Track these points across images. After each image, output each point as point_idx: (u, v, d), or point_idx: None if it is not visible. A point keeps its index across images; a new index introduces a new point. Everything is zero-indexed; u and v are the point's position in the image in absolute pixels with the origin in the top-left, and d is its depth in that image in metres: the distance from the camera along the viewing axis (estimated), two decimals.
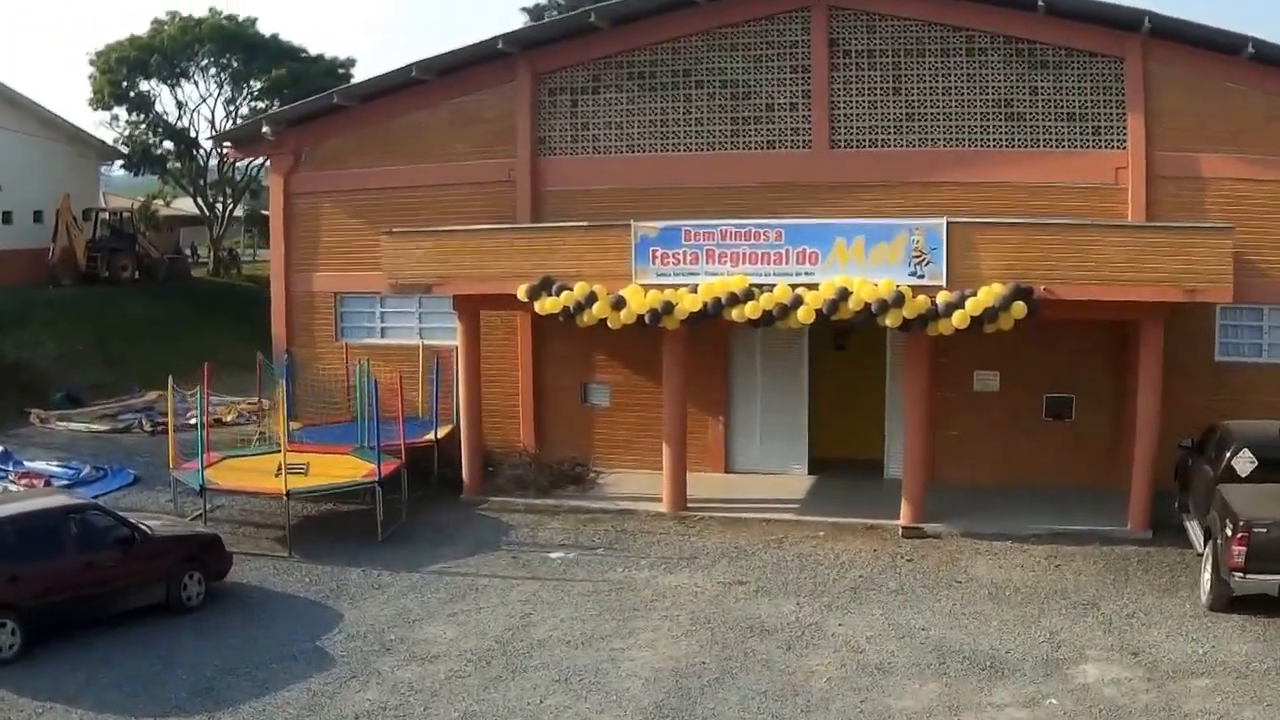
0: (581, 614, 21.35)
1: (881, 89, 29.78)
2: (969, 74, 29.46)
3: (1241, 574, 21.13)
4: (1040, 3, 28.05)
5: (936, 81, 29.58)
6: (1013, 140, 29.54)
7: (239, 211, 69.00)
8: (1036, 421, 30.04)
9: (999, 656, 19.86)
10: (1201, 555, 23.32)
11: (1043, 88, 29.31)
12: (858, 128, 29.89)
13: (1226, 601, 21.81)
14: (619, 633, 20.50)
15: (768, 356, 30.81)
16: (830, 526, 26.72)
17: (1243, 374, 29.50)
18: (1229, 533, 21.32)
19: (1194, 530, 24.84)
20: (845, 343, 29.95)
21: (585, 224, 27.25)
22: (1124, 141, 29.05)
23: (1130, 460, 27.35)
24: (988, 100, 29.47)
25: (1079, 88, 29.25)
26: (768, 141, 30.33)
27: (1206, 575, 22.52)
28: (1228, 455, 23.90)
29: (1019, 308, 24.57)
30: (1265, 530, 20.96)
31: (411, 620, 21.10)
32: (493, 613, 21.43)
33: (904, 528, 26.28)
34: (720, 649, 19.84)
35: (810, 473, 30.88)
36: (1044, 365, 29.19)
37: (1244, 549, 20.96)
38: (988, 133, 29.55)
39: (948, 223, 25.25)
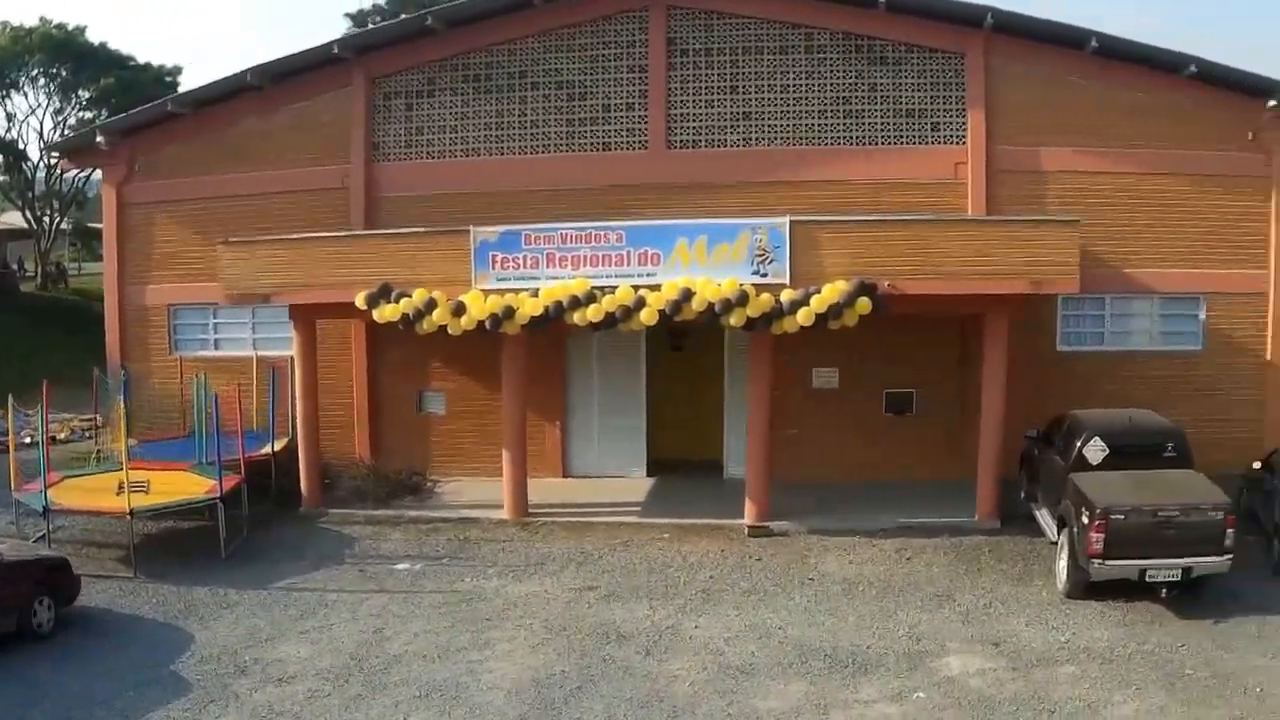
0: (434, 626, 21.20)
1: (719, 88, 30.13)
2: (807, 71, 29.95)
3: (1101, 561, 21.65)
4: (883, 1, 28.61)
5: (775, 79, 30.01)
6: (852, 137, 30.02)
7: (65, 225, 67.62)
8: (877, 417, 30.56)
9: (860, 652, 19.98)
10: (1055, 543, 23.85)
11: (882, 84, 29.91)
12: (695, 127, 30.21)
13: (1084, 588, 22.34)
14: (475, 644, 20.38)
15: (604, 359, 31.00)
16: (675, 528, 26.80)
17: (1085, 363, 30.37)
18: (1086, 521, 21.82)
19: (1045, 519, 25.35)
20: (682, 343, 30.03)
21: (424, 229, 27.04)
22: (964, 137, 29.66)
23: (972, 452, 27.82)
24: (827, 98, 29.97)
25: (919, 84, 29.88)
26: (605, 143, 30.46)
27: (1062, 563, 23.00)
28: (1078, 444, 24.30)
29: (864, 304, 24.81)
30: (1123, 517, 21.51)
31: (264, 640, 20.75)
32: (345, 629, 21.19)
33: (750, 527, 26.42)
34: (579, 657, 19.79)
35: (649, 475, 31.07)
36: (884, 361, 29.65)
37: (1103, 536, 21.49)
38: (827, 130, 30.02)
39: (790, 221, 25.44)
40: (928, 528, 26.56)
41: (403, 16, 37.92)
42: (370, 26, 61.01)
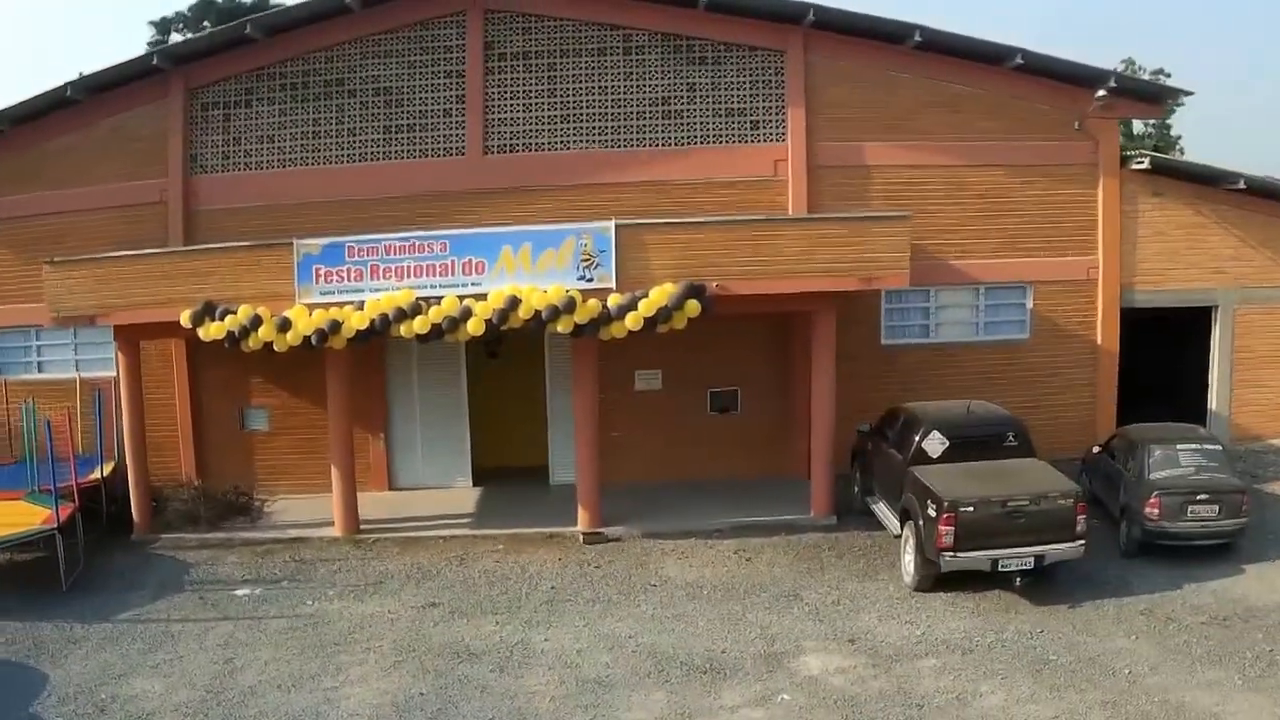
0: (284, 654, 21.10)
1: (538, 91, 30.42)
2: (626, 73, 30.44)
3: (952, 553, 22.35)
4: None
5: (593, 81, 30.41)
6: (672, 138, 30.57)
7: None
8: (702, 417, 31.19)
9: (716, 657, 20.34)
10: (899, 537, 24.54)
11: (702, 84, 30.51)
12: (514, 132, 30.46)
13: (933, 580, 23.07)
14: (327, 670, 20.35)
15: (425, 369, 31.11)
16: (508, 538, 27.01)
17: (911, 355, 31.37)
18: (934, 514, 22.53)
19: (885, 513, 26.10)
20: (498, 350, 30.05)
21: (246, 244, 26.83)
22: (784, 134, 30.36)
23: (799, 449, 28.88)
24: (646, 98, 30.50)
25: (739, 83, 30.50)
26: (424, 149, 30.53)
27: (909, 557, 23.75)
28: (917, 438, 24.96)
29: (692, 306, 25.29)
30: (971, 509, 22.29)
31: (117, 675, 20.47)
32: (195, 660, 21.03)
33: (584, 534, 26.78)
34: (434, 678, 19.86)
35: (476, 484, 31.29)
36: (706, 361, 30.23)
37: (952, 529, 22.23)
38: (647, 131, 30.53)
39: (616, 225, 25.85)
40: (764, 526, 26.99)
41: (209, 26, 37.41)
42: (176, 34, 60.58)
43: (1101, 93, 30.96)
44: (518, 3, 30.20)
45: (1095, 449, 29.04)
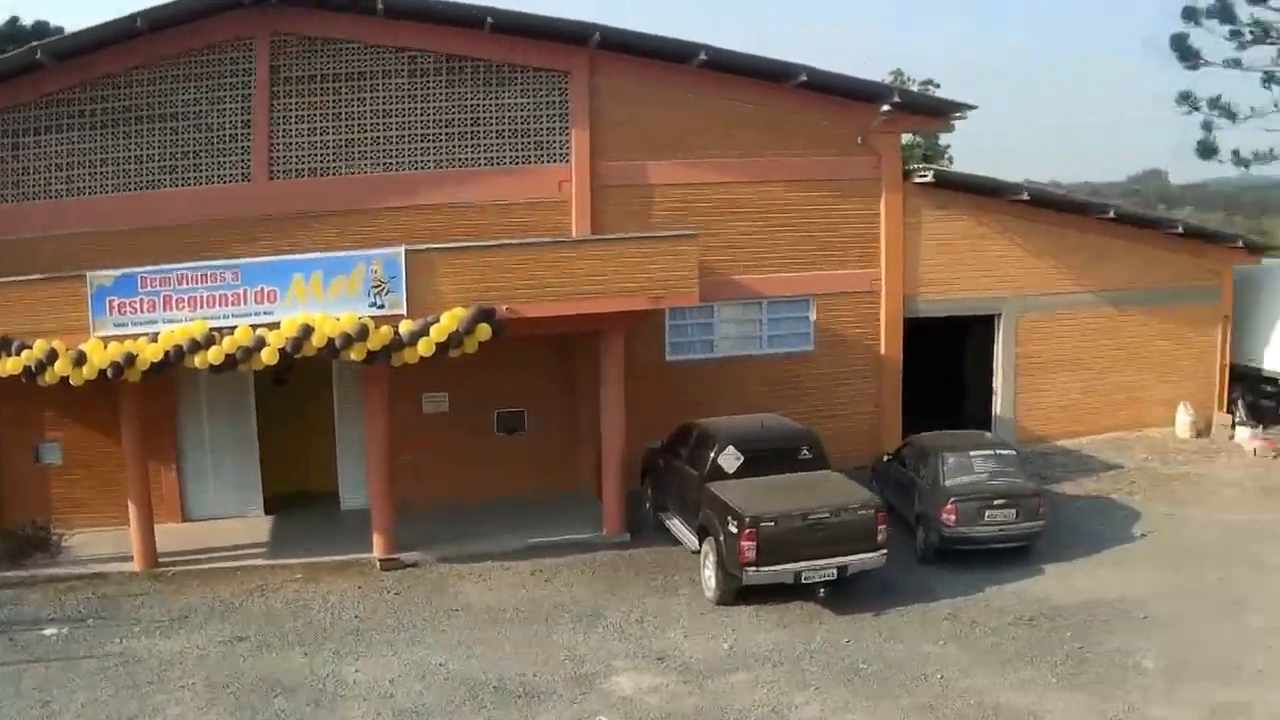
0: (100, 695, 21.11)
1: (324, 115, 31.04)
2: (411, 95, 31.34)
3: (755, 568, 23.75)
4: (489, 21, 30.37)
5: (380, 105, 31.21)
6: (457, 160, 31.66)
7: None
8: (490, 438, 32.32)
9: (528, 681, 21.26)
10: (697, 552, 26.03)
11: (486, 106, 31.71)
12: (300, 157, 30.98)
13: (735, 594, 24.49)
14: (144, 710, 20.52)
15: (214, 398, 31.26)
16: (305, 567, 27.48)
17: (697, 371, 33.36)
18: (735, 530, 23.87)
19: (681, 529, 27.68)
20: (286, 377, 30.04)
21: (39, 276, 26.69)
22: (568, 155, 31.95)
23: (586, 466, 30.59)
24: (432, 121, 31.49)
25: (523, 104, 31.90)
26: (214, 175, 30.71)
27: (709, 571, 25.17)
28: (712, 454, 26.52)
29: (484, 330, 26.48)
30: (773, 524, 23.74)
31: None
32: (12, 705, 20.92)
33: (381, 560, 27.55)
34: (251, 714, 20.27)
35: (268, 512, 31.62)
36: (492, 382, 31.18)
37: (754, 544, 23.60)
38: (432, 154, 31.55)
39: (406, 250, 26.82)
40: (558, 546, 28.24)
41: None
42: None
43: (886, 108, 33.48)
44: (304, 26, 30.64)
45: (885, 457, 31.17)
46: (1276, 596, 25.13)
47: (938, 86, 69.98)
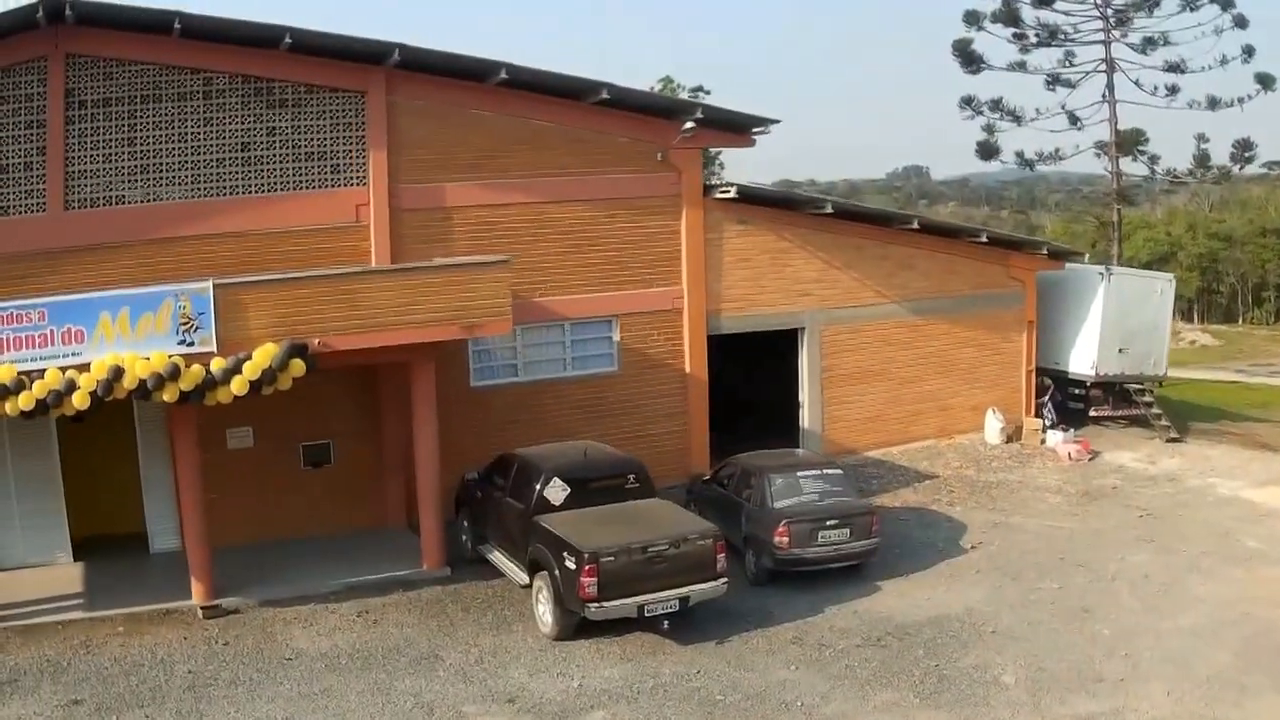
0: None
1: (119, 141, 31.36)
2: (207, 118, 31.97)
3: (598, 604, 24.82)
4: (286, 40, 31.21)
5: (175, 129, 31.72)
6: (254, 185, 32.52)
7: None
8: (296, 472, 33.17)
9: None
10: (528, 587, 27.11)
11: (283, 128, 32.64)
12: (95, 185, 31.22)
13: (573, 629, 25.59)
14: None
15: (15, 440, 31.01)
16: (126, 619, 27.50)
17: (502, 396, 35.18)
18: (573, 566, 24.93)
19: (506, 563, 28.80)
20: (82, 416, 28.24)
21: None
22: (366, 178, 33.19)
23: (395, 499, 32.16)
24: (228, 145, 32.18)
25: (320, 126, 32.98)
26: (7, 206, 30.66)
27: (544, 608, 26.24)
28: (538, 486, 27.69)
29: (297, 366, 27.34)
30: (613, 558, 24.91)
31: None
32: None
33: (203, 608, 27.98)
34: None
35: (77, 558, 31.56)
36: (297, 415, 31.75)
37: (595, 579, 24.68)
38: (229, 179, 32.26)
39: (214, 285, 27.26)
40: (379, 584, 29.12)
41: None
42: None
43: (689, 124, 35.64)
44: (100, 47, 30.78)
45: (704, 478, 33.19)
46: (1121, 604, 27.55)
47: (708, 93, 73.80)
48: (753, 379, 43.28)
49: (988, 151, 67.82)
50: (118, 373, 26.46)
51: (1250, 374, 72.16)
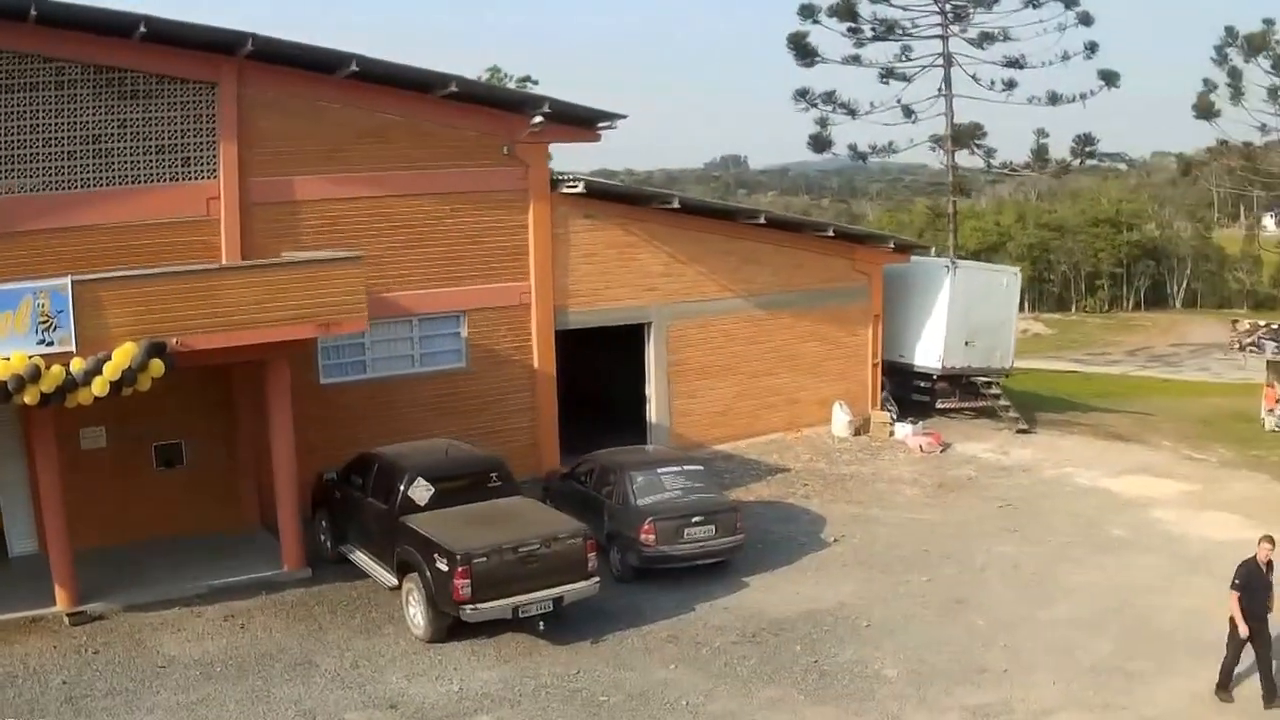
0: None
1: None
2: (58, 109, 32.07)
3: (473, 606, 25.31)
4: (140, 29, 31.42)
5: (29, 120, 31.77)
6: (104, 179, 32.73)
7: None
8: (150, 473, 33.42)
9: None
10: (396, 589, 27.61)
11: (133, 120, 33.00)
12: None
13: (446, 631, 26.10)
14: None
15: None
16: None
17: (352, 393, 36.27)
18: (445, 568, 25.39)
19: (370, 564, 29.31)
20: None
21: None
22: (216, 171, 33.88)
23: (249, 500, 33.01)
24: (78, 137, 32.37)
25: (170, 117, 33.46)
26: None
27: (416, 609, 26.70)
28: (402, 486, 28.21)
29: (156, 365, 27.34)
30: (485, 559, 25.44)
31: None
32: None
33: (68, 615, 27.98)
34: None
35: None
36: (149, 413, 31.55)
37: (468, 581, 25.17)
38: (79, 172, 32.42)
39: (72, 281, 27.10)
40: (242, 587, 29.37)
41: None
42: None
43: (537, 119, 37.08)
44: None
45: (560, 474, 34.37)
46: (993, 594, 29.10)
47: (536, 83, 75.50)
48: (600, 374, 44.70)
49: (820, 144, 69.44)
50: None
51: (1087, 363, 75.03)
